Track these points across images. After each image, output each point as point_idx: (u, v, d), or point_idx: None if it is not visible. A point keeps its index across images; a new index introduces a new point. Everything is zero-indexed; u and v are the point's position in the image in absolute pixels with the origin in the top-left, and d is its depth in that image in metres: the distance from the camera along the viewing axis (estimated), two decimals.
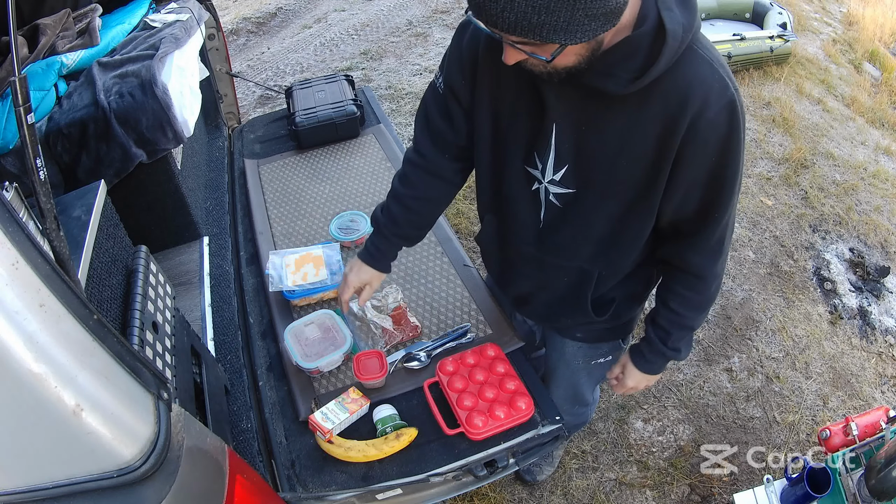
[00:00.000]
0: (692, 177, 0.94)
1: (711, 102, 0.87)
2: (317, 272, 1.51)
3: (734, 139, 0.91)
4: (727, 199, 0.97)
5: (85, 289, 0.95)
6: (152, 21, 1.98)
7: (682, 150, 0.91)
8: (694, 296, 1.10)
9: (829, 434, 1.55)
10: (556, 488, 1.89)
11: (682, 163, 0.92)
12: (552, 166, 1.01)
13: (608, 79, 0.86)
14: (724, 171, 0.93)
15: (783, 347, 2.40)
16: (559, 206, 1.06)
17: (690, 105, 0.86)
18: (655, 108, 0.88)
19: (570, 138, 0.97)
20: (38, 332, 0.57)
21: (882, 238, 3.06)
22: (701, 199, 0.97)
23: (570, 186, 1.02)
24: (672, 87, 0.87)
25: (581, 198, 1.03)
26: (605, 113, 0.93)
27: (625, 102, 0.90)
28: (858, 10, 6.16)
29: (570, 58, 0.82)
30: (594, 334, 1.31)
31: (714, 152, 0.91)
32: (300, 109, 2.21)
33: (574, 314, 1.22)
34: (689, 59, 0.87)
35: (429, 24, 4.77)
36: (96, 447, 0.62)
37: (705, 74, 0.87)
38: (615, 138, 0.93)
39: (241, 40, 4.82)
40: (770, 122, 3.84)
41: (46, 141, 1.56)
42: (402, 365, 1.36)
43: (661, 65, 0.83)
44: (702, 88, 0.86)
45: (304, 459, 1.21)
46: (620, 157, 0.95)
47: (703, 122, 0.87)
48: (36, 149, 0.72)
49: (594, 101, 0.92)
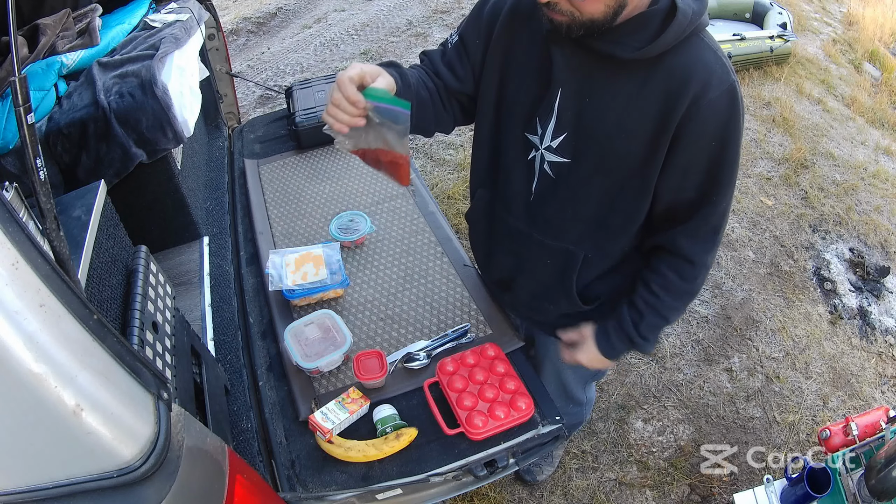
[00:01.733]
0: (691, 159, 0.96)
1: (713, 85, 0.90)
2: (317, 272, 1.51)
3: (734, 125, 0.93)
4: (725, 185, 0.98)
5: (85, 289, 0.95)
6: (152, 21, 1.98)
7: (681, 130, 0.93)
8: (679, 281, 1.08)
9: (829, 434, 1.55)
10: (556, 488, 1.89)
11: (681, 143, 0.94)
12: (552, 132, 1.03)
13: (616, 45, 0.91)
14: (724, 156, 0.95)
15: (783, 347, 2.40)
16: (552, 176, 1.07)
17: (692, 85, 0.89)
18: (658, 85, 0.92)
19: (574, 105, 1.00)
20: (38, 332, 0.57)
21: (882, 238, 3.06)
22: (700, 183, 0.98)
23: (565, 156, 1.04)
24: (676, 66, 0.90)
25: (574, 170, 1.04)
26: (610, 85, 0.96)
27: (629, 76, 0.93)
28: (858, 10, 6.16)
29: (598, 5, 0.85)
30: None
31: (714, 136, 0.93)
32: (300, 109, 2.21)
33: (557, 303, 1.22)
34: (695, 44, 0.92)
35: (429, 24, 4.77)
36: (96, 447, 0.62)
37: (709, 59, 0.91)
38: (616, 112, 0.96)
39: (241, 40, 4.82)
40: (770, 122, 3.84)
41: (46, 141, 1.56)
42: (402, 365, 1.36)
43: (668, 37, 0.88)
44: (705, 71, 0.90)
45: (304, 459, 1.21)
46: (619, 130, 0.97)
47: (705, 103, 0.90)
48: (36, 149, 0.72)
49: (601, 69, 0.95)
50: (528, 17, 1.02)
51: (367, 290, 1.57)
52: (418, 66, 1.19)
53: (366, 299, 1.55)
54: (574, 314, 1.23)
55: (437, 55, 1.19)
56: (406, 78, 1.08)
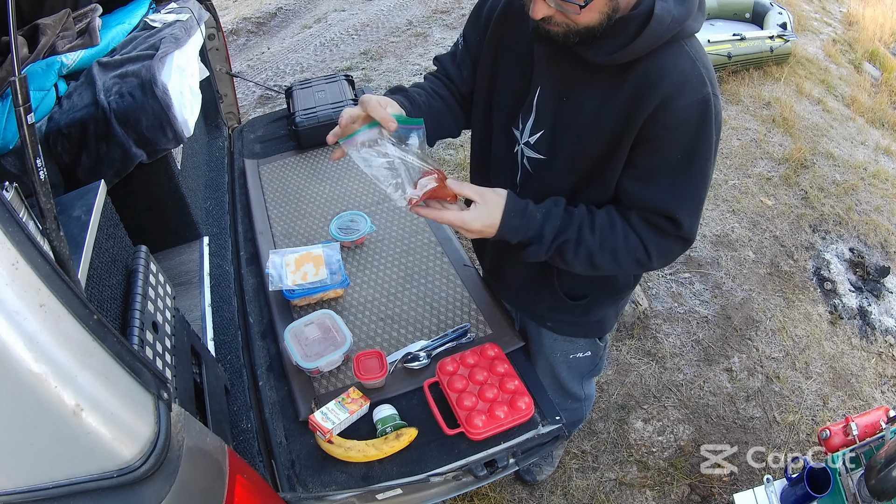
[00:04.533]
0: (654, 166, 0.95)
1: (685, 93, 0.88)
2: (317, 272, 1.51)
3: (703, 139, 0.92)
4: (689, 202, 0.97)
5: (85, 289, 0.95)
6: (152, 21, 1.98)
7: (645, 132, 0.92)
8: (621, 240, 0.99)
9: (829, 434, 1.55)
10: (556, 488, 1.89)
11: (644, 147, 0.93)
12: (530, 128, 1.05)
13: (591, 49, 0.90)
14: (689, 169, 0.94)
15: (783, 347, 2.40)
16: (531, 171, 1.09)
17: (661, 89, 0.88)
18: (630, 88, 0.91)
19: (551, 104, 1.01)
20: (38, 332, 0.57)
21: (882, 238, 3.06)
22: (663, 196, 0.96)
23: (541, 152, 1.06)
24: (649, 70, 0.90)
25: (548, 166, 1.06)
26: (586, 86, 0.96)
27: (605, 77, 0.93)
28: (858, 10, 6.16)
29: (593, 14, 0.85)
30: (565, 327, 1.33)
31: (680, 146, 0.92)
32: (300, 109, 2.21)
33: (542, 296, 1.24)
34: (674, 51, 0.90)
35: (429, 24, 4.77)
36: (96, 447, 0.62)
37: (684, 67, 0.89)
38: (589, 113, 0.96)
39: (241, 40, 4.82)
40: (770, 122, 3.84)
41: (46, 141, 1.56)
42: (402, 365, 1.36)
43: (641, 43, 0.87)
44: (678, 77, 0.89)
45: (304, 459, 1.21)
46: (589, 132, 0.97)
47: (672, 109, 0.89)
48: (36, 149, 0.72)
49: (578, 71, 0.96)
50: (519, 17, 1.04)
51: (367, 290, 1.57)
52: (432, 73, 1.26)
53: (366, 299, 1.55)
54: (562, 307, 1.25)
55: (447, 59, 1.24)
56: (415, 99, 1.13)
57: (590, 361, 1.44)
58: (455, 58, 1.22)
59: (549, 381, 1.47)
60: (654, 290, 2.60)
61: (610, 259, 1.01)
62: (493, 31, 1.10)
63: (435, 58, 1.27)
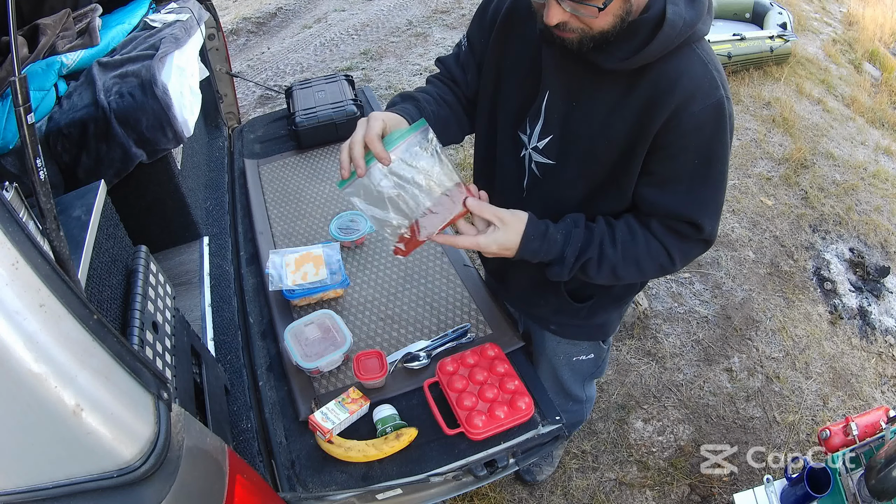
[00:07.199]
0: (672, 174, 0.94)
1: (698, 98, 0.88)
2: (317, 272, 1.51)
3: (719, 142, 0.91)
4: (708, 206, 0.97)
5: (85, 289, 0.95)
6: (152, 21, 1.98)
7: (661, 141, 0.91)
8: (644, 248, 0.99)
9: (829, 434, 1.55)
10: (556, 488, 1.89)
11: (660, 154, 0.93)
12: (539, 133, 1.04)
13: (603, 54, 0.89)
14: (707, 174, 0.93)
15: (783, 347, 2.40)
16: (539, 176, 1.08)
17: (675, 95, 0.87)
18: (642, 93, 0.90)
19: (560, 109, 1.00)
20: (38, 332, 0.57)
21: (882, 238, 3.06)
22: (682, 202, 0.96)
23: (550, 157, 1.04)
24: (661, 77, 0.88)
25: (558, 172, 1.04)
26: (595, 91, 0.95)
27: (615, 82, 0.92)
28: (858, 10, 6.16)
29: (608, 18, 0.84)
30: (569, 330, 1.33)
31: (696, 152, 0.91)
32: (300, 109, 2.21)
33: (547, 299, 1.23)
34: (686, 55, 0.89)
35: (429, 24, 4.77)
36: (96, 447, 0.62)
37: (697, 71, 0.88)
38: (600, 118, 0.95)
39: (241, 40, 4.82)
40: (770, 122, 3.85)
41: (46, 141, 1.56)
42: (402, 365, 1.36)
43: (653, 48, 0.85)
44: (691, 83, 0.88)
45: (304, 459, 1.21)
46: (601, 137, 0.96)
47: (687, 115, 0.88)
48: (36, 149, 0.72)
49: (587, 76, 0.94)
50: (525, 18, 1.03)
51: (367, 290, 1.57)
52: (436, 76, 1.23)
53: (366, 299, 1.55)
54: (566, 310, 1.24)
55: (451, 60, 1.21)
56: (424, 109, 1.11)
57: (592, 364, 1.44)
58: (459, 59, 1.20)
59: (551, 383, 1.47)
60: (654, 290, 2.60)
61: (633, 269, 1.02)
62: (498, 32, 1.08)
63: (437, 59, 1.25)
